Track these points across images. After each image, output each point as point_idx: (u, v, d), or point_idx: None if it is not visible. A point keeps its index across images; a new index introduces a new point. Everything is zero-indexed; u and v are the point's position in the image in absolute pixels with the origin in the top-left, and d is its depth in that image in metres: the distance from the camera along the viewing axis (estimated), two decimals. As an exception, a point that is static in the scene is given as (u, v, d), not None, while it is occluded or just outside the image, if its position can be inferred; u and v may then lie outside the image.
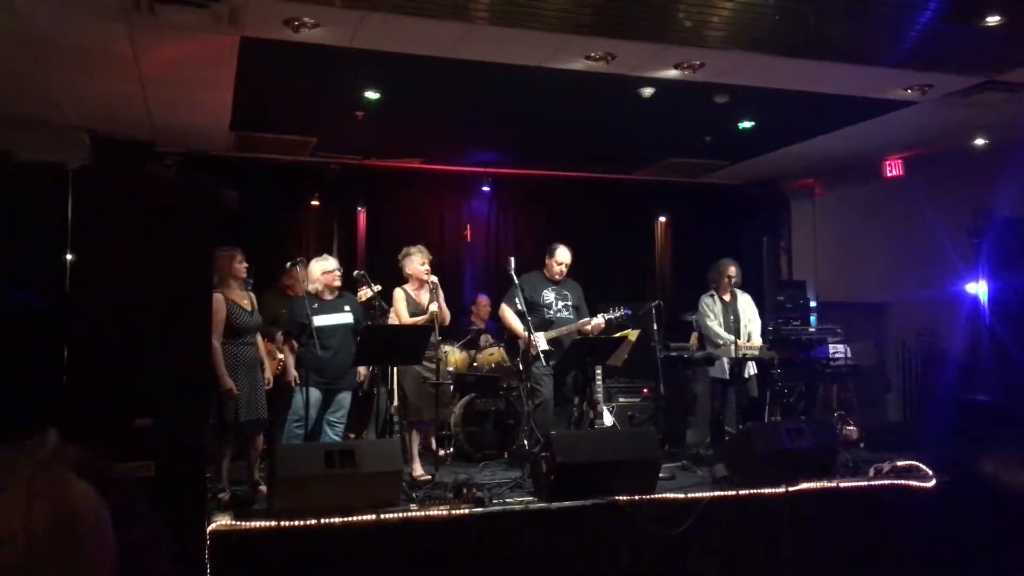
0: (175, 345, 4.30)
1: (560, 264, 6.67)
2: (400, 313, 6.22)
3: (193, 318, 4.42)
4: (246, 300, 5.72)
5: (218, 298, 5.43)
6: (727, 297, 7.30)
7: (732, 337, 6.97)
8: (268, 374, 5.84)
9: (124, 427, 4.10)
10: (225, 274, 5.61)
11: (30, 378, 3.80)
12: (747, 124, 7.63)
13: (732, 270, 7.29)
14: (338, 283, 6.03)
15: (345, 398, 5.99)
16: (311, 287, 5.99)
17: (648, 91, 6.44)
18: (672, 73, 6.04)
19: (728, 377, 7.00)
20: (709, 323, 7.24)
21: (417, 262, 6.28)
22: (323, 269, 6.00)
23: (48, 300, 3.91)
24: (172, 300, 4.29)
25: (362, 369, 6.15)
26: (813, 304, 9.67)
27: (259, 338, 5.83)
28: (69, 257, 4.04)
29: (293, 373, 5.89)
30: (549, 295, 6.65)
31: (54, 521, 0.76)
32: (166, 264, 4.27)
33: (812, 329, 7.31)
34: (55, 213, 4.05)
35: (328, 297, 5.98)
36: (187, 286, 4.34)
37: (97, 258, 4.10)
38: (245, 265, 5.79)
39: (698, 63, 5.84)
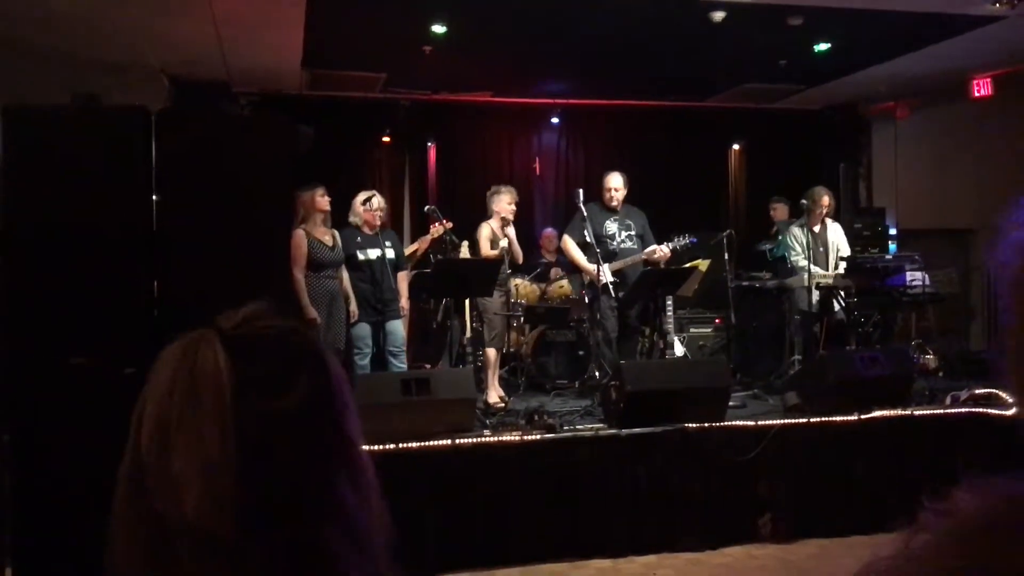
0: (257, 279, 4.48)
1: (610, 190, 6.53)
2: (483, 247, 6.39)
3: (273, 252, 4.59)
4: (328, 236, 5.94)
5: (299, 233, 5.69)
6: (817, 228, 7.13)
7: (819, 269, 6.85)
8: (353, 307, 6.04)
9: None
10: (308, 210, 5.84)
11: (125, 315, 4.03)
12: (823, 47, 7.37)
13: (826, 199, 7.08)
14: (378, 221, 6.18)
15: (395, 326, 6.19)
16: (352, 219, 6.18)
17: (719, 15, 6.28)
18: (743, -5, 5.87)
19: (816, 309, 6.89)
20: (793, 257, 7.12)
21: (505, 201, 6.46)
22: (359, 202, 6.20)
23: (138, 238, 4.12)
24: (252, 235, 4.45)
25: (404, 302, 6.32)
26: (893, 232, 9.42)
27: (344, 272, 6.04)
28: (155, 197, 4.22)
29: (353, 303, 6.09)
30: (611, 226, 6.55)
31: (186, 381, 0.83)
32: (245, 201, 4.43)
33: (889, 256, 7.14)
34: (141, 154, 4.22)
35: (368, 232, 6.15)
36: (266, 221, 4.50)
37: (180, 197, 4.28)
38: (327, 199, 5.99)
39: (770, -16, 5.66)
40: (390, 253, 6.20)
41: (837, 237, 7.15)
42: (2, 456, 3.94)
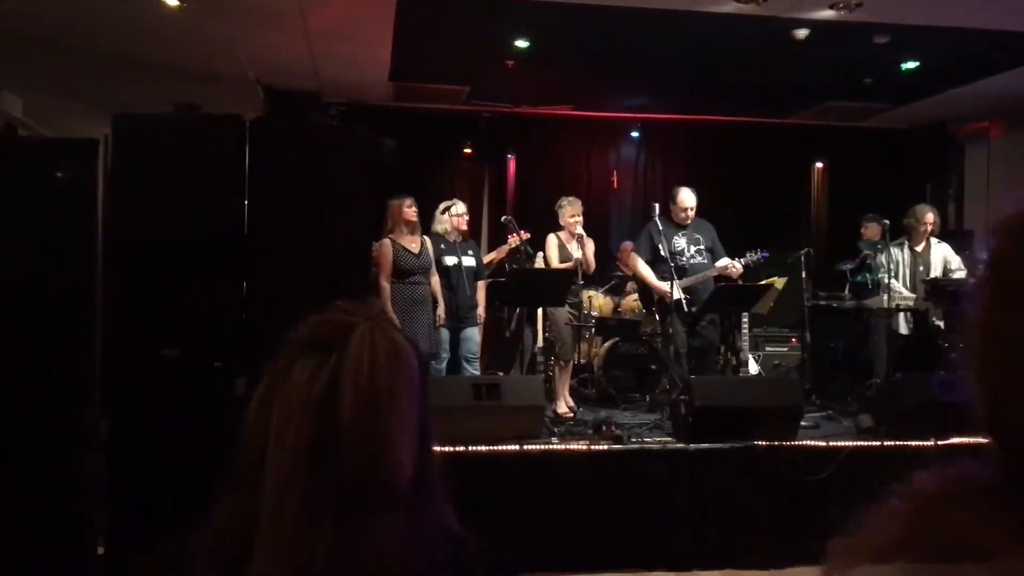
0: (341, 285, 4.67)
1: (684, 209, 6.45)
2: (551, 258, 6.51)
3: (357, 260, 4.78)
4: (414, 243, 6.13)
5: (385, 243, 5.94)
6: (920, 247, 6.97)
7: (905, 291, 6.71)
8: (441, 310, 6.21)
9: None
10: (396, 219, 6.07)
11: (216, 312, 4.26)
12: (910, 65, 7.24)
13: (930, 216, 6.89)
14: (464, 227, 6.37)
15: (471, 333, 6.35)
16: (434, 227, 6.38)
17: (802, 32, 6.25)
18: (828, 13, 5.84)
19: (906, 331, 6.75)
20: (881, 274, 6.97)
21: (567, 214, 6.51)
22: (440, 210, 6.43)
23: (230, 240, 4.35)
24: (337, 243, 4.65)
25: (481, 310, 6.45)
26: (983, 256, 9.11)
27: (434, 278, 6.21)
28: (247, 202, 4.46)
29: (441, 308, 6.25)
30: (680, 241, 6.46)
31: (389, 351, 1.00)
32: (331, 208, 4.63)
33: (973, 280, 6.93)
34: (235, 161, 4.47)
35: (452, 240, 6.31)
36: (350, 229, 4.70)
37: (270, 202, 4.50)
38: (415, 210, 6.20)
39: (855, 2, 5.62)
40: (469, 261, 6.36)
41: (945, 256, 6.96)
42: (98, 440, 4.21)
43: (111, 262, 4.28)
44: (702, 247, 6.50)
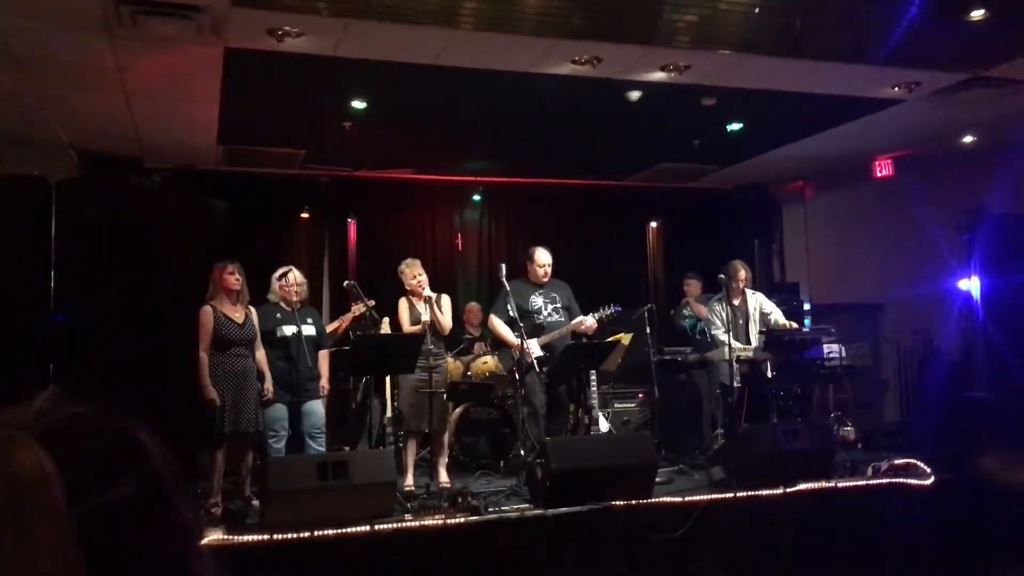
0: (161, 357, 4.26)
1: (542, 267, 6.56)
2: (403, 322, 6.24)
3: (179, 329, 4.38)
4: (238, 313, 5.67)
5: (206, 310, 5.42)
6: (737, 301, 7.21)
7: (738, 343, 6.91)
8: (268, 385, 5.76)
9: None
10: (216, 286, 5.59)
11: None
12: (735, 126, 7.63)
13: (742, 273, 7.16)
14: (296, 297, 5.96)
15: (314, 406, 5.93)
16: (270, 295, 5.99)
17: (635, 94, 6.44)
18: (659, 76, 6.03)
19: (734, 384, 6.92)
20: (714, 331, 7.17)
21: (408, 277, 6.30)
22: (276, 277, 6.02)
23: (31, 315, 3.86)
24: (157, 311, 4.24)
25: (325, 382, 6.10)
26: (807, 307, 9.65)
27: (259, 351, 5.77)
28: (52, 272, 3.99)
29: (270, 385, 5.80)
30: (537, 300, 6.54)
31: (11, 474, 0.74)
32: (151, 275, 4.23)
33: (806, 330, 7.27)
34: (39, 228, 4.01)
35: (288, 308, 5.96)
36: (172, 297, 4.30)
37: (82, 269, 4.06)
38: (237, 277, 5.74)
39: (684, 65, 5.83)
40: (310, 330, 5.97)
41: (760, 305, 7.23)
42: None
43: None
44: (559, 305, 6.57)
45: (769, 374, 7.02)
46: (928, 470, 5.97)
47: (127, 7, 4.61)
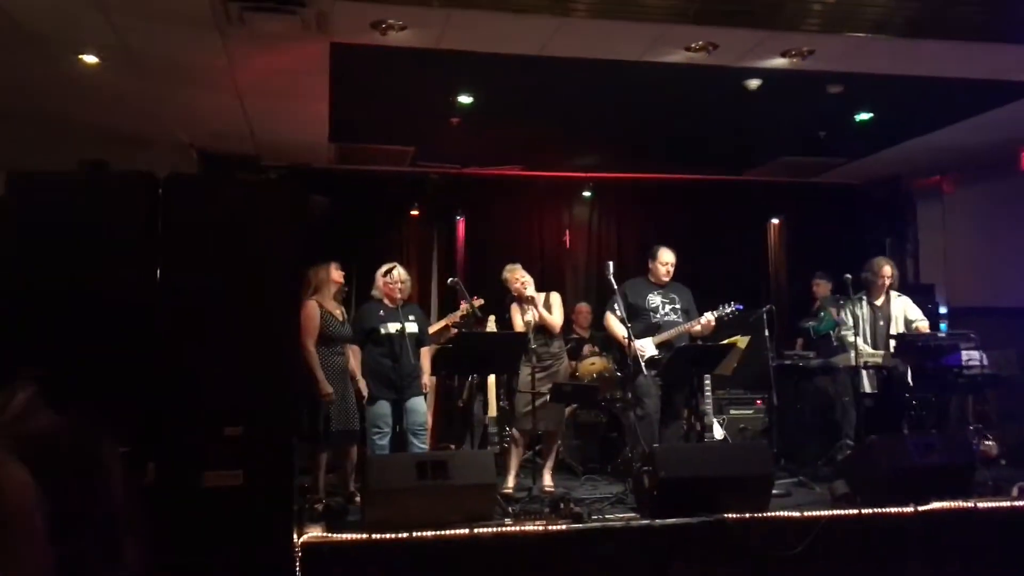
0: (265, 351, 4.25)
1: (664, 265, 6.36)
2: (516, 327, 6.12)
3: (283, 323, 4.36)
4: (339, 311, 5.72)
5: (312, 304, 5.50)
6: (879, 301, 6.73)
7: (867, 347, 6.44)
8: (361, 385, 5.77)
9: (214, 435, 4.08)
10: (322, 283, 5.65)
11: (119, 384, 3.79)
12: (864, 116, 7.12)
13: (887, 270, 6.70)
14: (399, 294, 5.89)
15: (416, 403, 5.85)
16: (374, 292, 5.94)
17: (754, 83, 6.07)
18: (779, 62, 5.65)
19: (865, 391, 6.47)
20: (844, 332, 6.72)
21: (511, 282, 6.22)
22: (380, 274, 5.97)
23: (139, 305, 3.92)
24: (262, 305, 4.24)
25: (426, 379, 6.00)
26: (944, 310, 8.98)
27: (349, 351, 5.77)
28: (160, 262, 4.05)
29: (362, 382, 5.79)
30: (655, 299, 6.34)
31: None
32: (255, 268, 4.23)
33: (942, 335, 6.70)
34: (146, 222, 4.07)
35: (391, 305, 5.88)
36: (276, 291, 4.29)
37: (187, 263, 4.10)
38: (341, 274, 5.79)
39: (807, 50, 5.43)
40: (412, 327, 5.91)
41: (905, 310, 6.72)
42: None
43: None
44: (678, 307, 6.38)
45: (908, 381, 6.51)
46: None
47: (234, 4, 4.64)
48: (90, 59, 5.53)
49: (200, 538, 3.72)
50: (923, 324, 6.66)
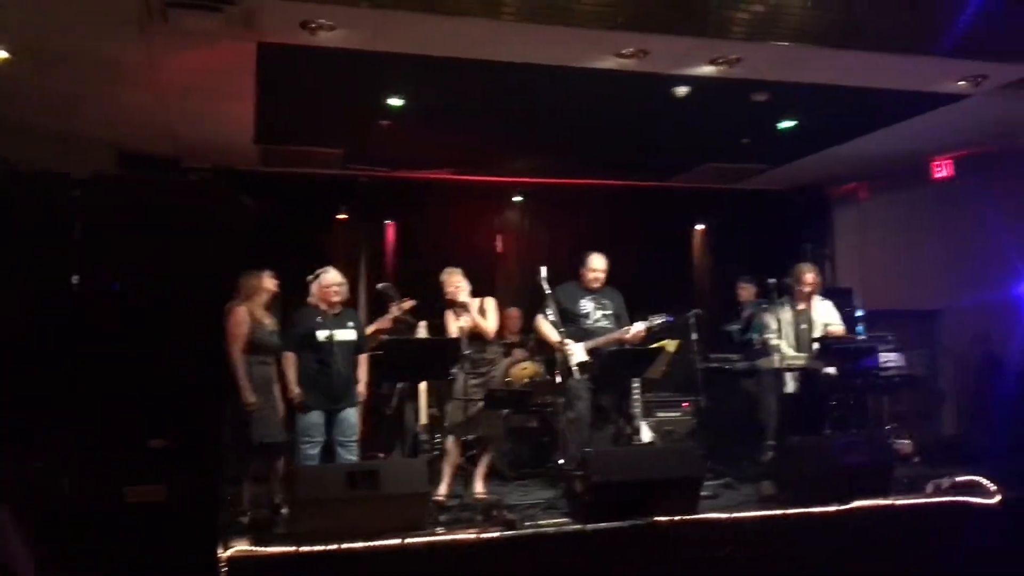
0: (189, 359, 4.11)
1: (595, 271, 6.39)
2: (449, 330, 6.08)
3: (207, 330, 4.23)
4: (269, 319, 5.57)
5: (241, 311, 5.36)
6: (802, 306, 6.90)
7: (790, 350, 6.60)
8: (286, 395, 5.62)
9: (135, 448, 3.93)
10: (253, 290, 5.49)
11: (33, 395, 3.61)
12: (787, 124, 7.30)
13: (809, 276, 6.82)
14: (336, 298, 5.79)
15: (350, 414, 5.75)
16: (310, 299, 5.80)
17: (682, 90, 6.17)
18: (707, 69, 5.75)
19: (787, 392, 6.62)
20: (767, 335, 6.86)
21: (447, 286, 6.17)
22: (320, 283, 5.83)
23: (54, 312, 3.74)
24: (185, 311, 4.10)
25: (362, 387, 5.91)
26: (860, 313, 9.28)
27: (288, 359, 5.62)
28: (76, 266, 3.87)
29: (295, 391, 5.63)
30: (587, 304, 6.36)
31: None
32: (178, 273, 4.09)
33: (862, 337, 6.92)
34: (62, 223, 3.89)
35: (329, 311, 5.77)
36: (200, 296, 4.15)
37: (106, 267, 3.93)
38: (275, 283, 5.65)
39: (735, 57, 5.55)
40: (350, 335, 5.80)
41: (825, 314, 6.90)
42: None
43: None
44: (609, 312, 6.39)
45: (827, 378, 6.69)
46: (994, 487, 5.61)
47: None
48: (0, 54, 5.27)
49: (123, 554, 3.56)
50: (837, 328, 6.85)
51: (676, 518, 4.92)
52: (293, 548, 4.32)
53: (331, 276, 5.83)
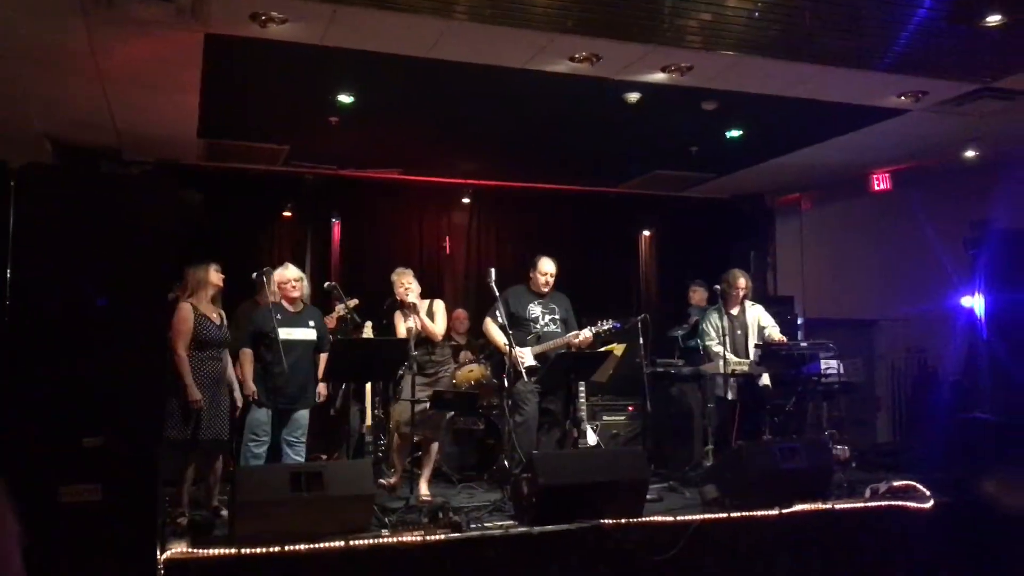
0: (127, 356, 3.98)
1: (544, 275, 6.41)
2: (397, 331, 6.02)
3: (147, 326, 4.10)
4: (215, 314, 5.44)
5: (185, 307, 5.22)
6: (735, 311, 6.99)
7: (734, 356, 6.69)
8: (237, 394, 5.51)
9: (70, 447, 3.79)
10: (199, 284, 5.35)
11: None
12: (735, 133, 7.41)
13: (742, 282, 6.96)
14: (296, 294, 5.71)
15: (303, 416, 5.67)
16: (272, 298, 5.69)
17: (634, 96, 6.21)
18: (659, 76, 5.80)
19: (728, 397, 6.71)
20: (708, 342, 6.96)
21: (396, 286, 6.11)
22: (279, 278, 5.72)
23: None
24: (124, 306, 3.97)
25: (322, 388, 5.82)
26: (800, 321, 9.45)
27: (227, 356, 5.49)
28: (10, 259, 3.72)
29: (252, 388, 5.53)
30: (535, 309, 6.39)
31: None
32: (118, 267, 3.96)
33: (804, 344, 7.06)
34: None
35: (291, 309, 5.67)
36: (140, 291, 4.03)
37: (42, 260, 3.79)
38: (221, 277, 5.51)
39: (686, 66, 5.61)
40: (310, 334, 5.70)
41: (759, 318, 7.02)
42: None
43: None
44: (557, 317, 6.44)
45: (764, 386, 6.81)
46: (928, 492, 5.77)
47: (101, -16, 4.35)
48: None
49: (57, 557, 3.43)
50: (775, 331, 6.98)
51: (621, 521, 4.94)
52: (234, 550, 4.22)
53: (289, 272, 5.74)
